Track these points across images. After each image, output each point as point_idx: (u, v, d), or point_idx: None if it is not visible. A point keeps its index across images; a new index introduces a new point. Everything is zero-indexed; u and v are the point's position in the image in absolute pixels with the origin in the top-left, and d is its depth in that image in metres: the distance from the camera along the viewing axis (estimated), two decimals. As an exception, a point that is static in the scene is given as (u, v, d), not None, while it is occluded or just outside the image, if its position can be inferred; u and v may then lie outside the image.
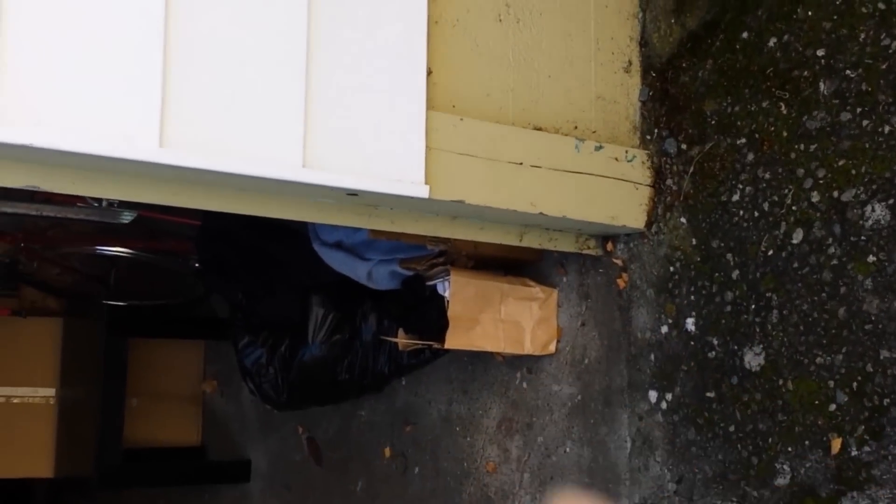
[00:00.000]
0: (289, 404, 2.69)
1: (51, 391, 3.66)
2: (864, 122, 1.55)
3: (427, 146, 1.69)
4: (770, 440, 1.71)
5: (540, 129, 1.85)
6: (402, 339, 2.34)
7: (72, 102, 1.41)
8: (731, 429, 1.78)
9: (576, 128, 1.89)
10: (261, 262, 2.63)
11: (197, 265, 3.13)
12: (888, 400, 1.51)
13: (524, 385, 2.32)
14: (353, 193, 1.69)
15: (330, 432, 3.10)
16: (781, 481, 1.68)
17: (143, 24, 1.46)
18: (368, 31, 1.65)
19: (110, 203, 2.02)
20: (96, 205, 1.94)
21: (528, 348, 2.21)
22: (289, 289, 2.61)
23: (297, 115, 1.58)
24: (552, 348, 2.22)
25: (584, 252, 2.08)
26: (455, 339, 2.14)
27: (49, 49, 1.39)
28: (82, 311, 3.66)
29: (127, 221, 2.15)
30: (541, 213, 1.82)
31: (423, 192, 1.68)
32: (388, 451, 2.82)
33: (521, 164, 1.80)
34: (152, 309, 3.61)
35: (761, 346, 1.73)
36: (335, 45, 1.62)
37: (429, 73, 1.71)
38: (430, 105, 1.71)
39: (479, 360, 2.45)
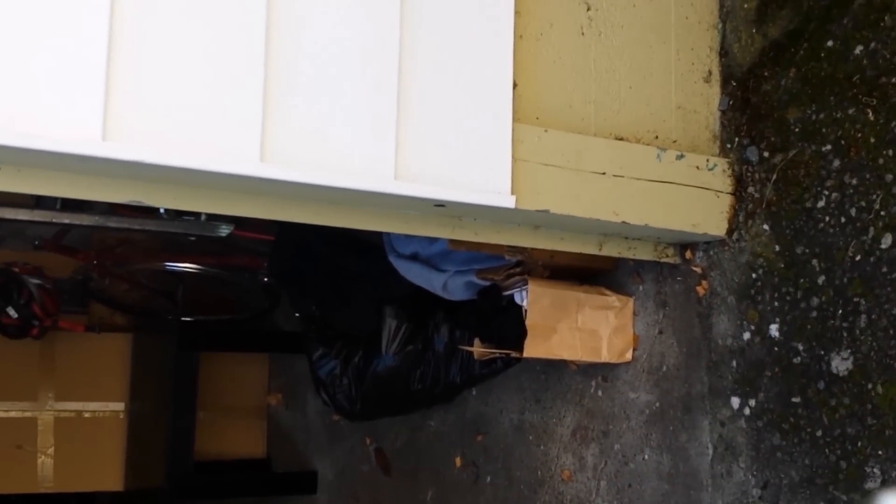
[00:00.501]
0: (362, 414, 2.73)
1: (120, 405, 3.74)
2: (956, 127, 1.56)
3: (513, 157, 1.72)
4: (859, 444, 1.71)
5: (622, 139, 1.87)
6: (478, 349, 2.37)
7: (178, 119, 1.46)
8: (819, 433, 1.78)
9: (656, 137, 1.91)
10: (336, 275, 2.67)
11: (265, 279, 3.19)
12: None
13: (599, 393, 2.33)
14: (440, 205, 1.72)
15: (398, 443, 3.13)
16: (871, 485, 1.68)
17: (246, 40, 1.50)
18: (458, 47, 1.68)
19: (209, 216, 2.08)
20: (193, 218, 2.00)
21: (605, 356, 2.22)
22: (363, 301, 2.65)
23: (390, 128, 1.62)
24: (629, 356, 2.23)
25: (663, 260, 2.09)
26: (534, 348, 2.16)
27: (153, 70, 1.44)
28: (150, 326, 3.74)
29: (225, 234, 2.21)
30: (623, 222, 1.85)
31: (509, 202, 1.71)
32: (458, 461, 2.84)
33: (603, 173, 1.82)
34: (219, 323, 3.68)
35: (849, 350, 1.73)
36: (426, 59, 1.66)
37: (514, 86, 1.74)
38: (516, 117, 1.74)
39: (553, 368, 2.47)
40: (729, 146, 1.98)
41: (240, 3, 1.50)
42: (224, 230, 2.17)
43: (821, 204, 1.79)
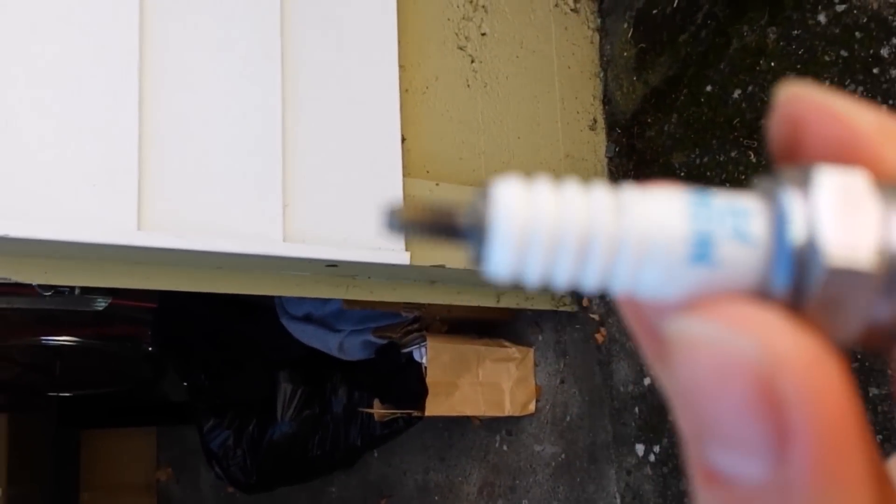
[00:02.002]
0: (258, 486, 2.60)
1: (-3, 491, 3.48)
2: (834, 166, 1.60)
3: (405, 213, 1.68)
4: None
5: (513, 189, 1.86)
6: (378, 410, 2.29)
7: (47, 190, 1.36)
8: None
9: (547, 186, 1.91)
10: (225, 341, 2.56)
11: (150, 349, 3.03)
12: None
13: (504, 447, 2.29)
14: (332, 265, 1.66)
15: (298, 512, 3.00)
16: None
17: (117, 104, 1.42)
18: (342, 103, 1.64)
19: (83, 290, 1.95)
20: (67, 292, 1.87)
21: (508, 409, 2.18)
22: (255, 366, 2.54)
23: (276, 190, 1.56)
24: (532, 408, 2.20)
25: (561, 309, 2.08)
26: (435, 406, 2.11)
27: (21, 138, 1.35)
28: (27, 404, 3.50)
29: (101, 308, 2.07)
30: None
31: (404, 258, 1.67)
32: (362, 527, 2.74)
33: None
34: (101, 397, 3.48)
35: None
36: (309, 117, 1.61)
37: (403, 140, 1.71)
38: (406, 171, 1.70)
39: (456, 425, 2.42)
40: (618, 192, 1.99)
41: (109, 69, 1.42)
42: (100, 303, 2.05)
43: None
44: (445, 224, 0.19)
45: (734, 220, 0.17)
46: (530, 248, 0.18)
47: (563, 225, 0.18)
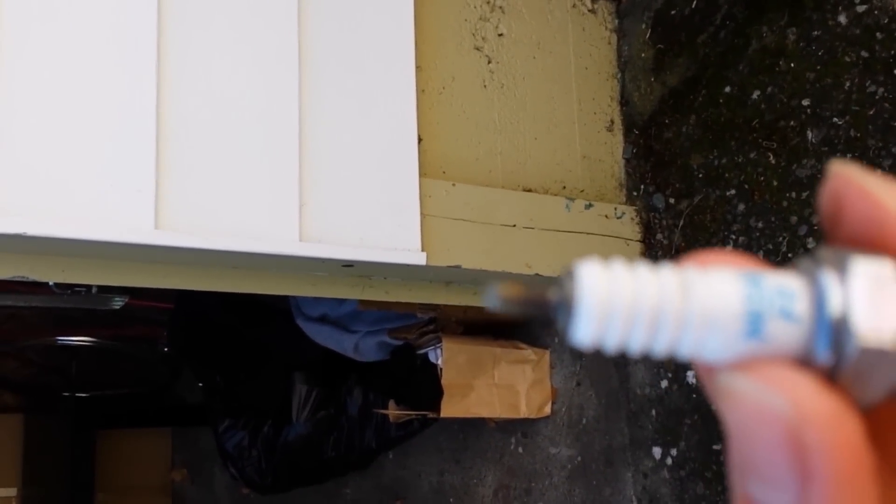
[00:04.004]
0: (273, 487, 2.60)
1: (13, 491, 3.48)
2: (855, 167, 1.58)
3: (422, 213, 1.68)
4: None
5: (530, 190, 1.85)
6: (393, 411, 2.29)
7: (65, 189, 1.37)
8: None
9: (564, 188, 1.90)
10: (240, 342, 2.56)
11: (166, 350, 3.04)
12: None
13: (520, 450, 2.28)
14: (348, 265, 1.66)
15: (313, 514, 3.00)
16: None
17: (135, 103, 1.43)
18: (359, 103, 1.64)
19: (100, 289, 1.96)
20: (84, 290, 1.88)
21: (524, 412, 2.17)
22: (271, 367, 2.54)
23: (292, 189, 1.56)
24: (548, 410, 2.19)
25: (577, 311, 2.07)
26: (451, 408, 2.10)
27: (37, 138, 1.35)
28: (43, 405, 3.52)
29: (118, 307, 2.08)
30: (536, 274, 1.81)
31: (419, 259, 1.66)
32: (377, 529, 2.73)
33: (514, 226, 1.79)
34: (117, 398, 3.49)
35: (766, 394, 1.72)
36: (326, 117, 1.61)
37: (419, 140, 1.70)
38: (423, 172, 1.70)
39: (471, 427, 2.41)
40: (635, 194, 1.98)
41: (127, 69, 1.42)
42: (117, 302, 2.05)
43: (728, 248, 1.79)
44: (538, 301, 0.22)
45: (781, 300, 0.20)
46: (610, 322, 0.21)
47: (637, 302, 0.21)
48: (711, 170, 1.83)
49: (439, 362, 2.11)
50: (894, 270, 0.20)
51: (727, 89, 1.79)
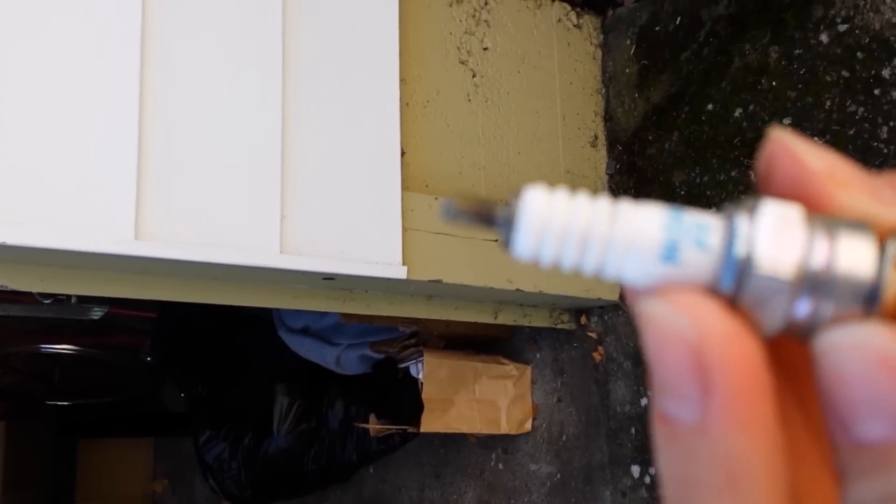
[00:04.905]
0: (253, 500, 2.58)
1: (-8, 499, 3.47)
2: (835, 187, 1.59)
3: (403, 227, 1.67)
4: None
5: (513, 205, 1.85)
6: (374, 425, 2.28)
7: (45, 199, 1.36)
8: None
9: (547, 203, 1.90)
10: (223, 353, 2.55)
11: (148, 359, 3.02)
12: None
13: (500, 466, 2.27)
14: (329, 278, 1.65)
15: (294, 527, 2.98)
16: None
17: (118, 118, 1.42)
18: (342, 116, 1.64)
19: (80, 299, 1.94)
20: (64, 300, 1.86)
21: (505, 427, 2.17)
22: (252, 379, 2.53)
23: (274, 202, 1.55)
24: (528, 426, 2.18)
25: (559, 326, 2.07)
26: (431, 423, 2.09)
27: (20, 147, 1.35)
28: (25, 412, 3.49)
29: (97, 317, 2.07)
30: (517, 290, 1.81)
31: (401, 273, 1.66)
32: (357, 543, 2.72)
33: (496, 241, 1.79)
34: (99, 406, 3.47)
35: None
36: (309, 130, 1.61)
37: (402, 153, 1.70)
38: (405, 185, 1.70)
39: (452, 442, 2.40)
40: (618, 210, 1.98)
41: (109, 80, 1.41)
42: (97, 313, 2.04)
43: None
44: (486, 215, 0.25)
45: (697, 232, 0.23)
46: (545, 239, 0.24)
47: (571, 223, 0.23)
48: (693, 187, 1.83)
49: (420, 377, 2.10)
50: (800, 214, 0.22)
51: (710, 106, 1.79)
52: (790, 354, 0.24)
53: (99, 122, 1.40)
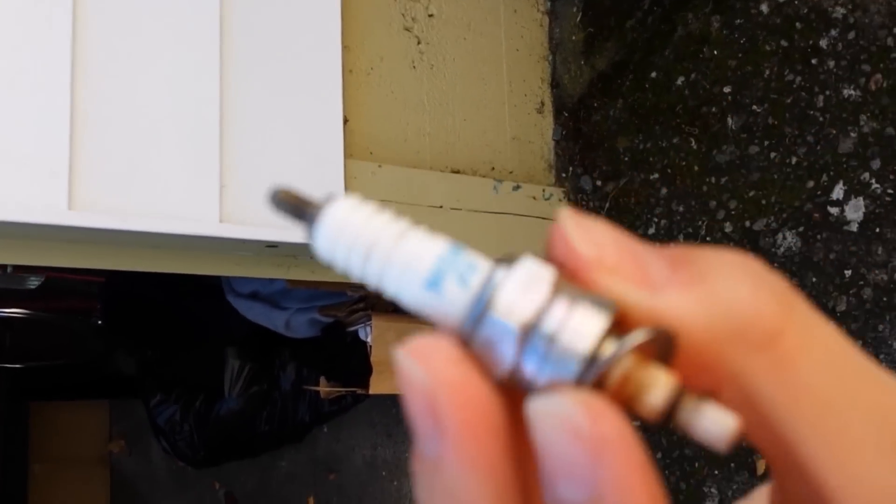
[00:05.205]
0: (206, 461, 2.60)
1: (-56, 463, 3.45)
2: (773, 155, 1.61)
3: (346, 195, 1.67)
4: (696, 465, 1.74)
5: (458, 171, 1.86)
6: (324, 388, 2.30)
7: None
8: (658, 455, 1.81)
9: (493, 169, 1.91)
10: (172, 318, 2.54)
11: (99, 322, 3.01)
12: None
13: (450, 426, 2.30)
14: (272, 245, 1.65)
15: (248, 486, 3.01)
16: (710, 504, 1.72)
17: (49, 88, 1.40)
18: (282, 83, 1.62)
19: (15, 268, 1.92)
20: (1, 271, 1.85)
21: (453, 390, 2.19)
22: (203, 343, 2.53)
23: (213, 170, 1.54)
24: (477, 388, 2.21)
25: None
26: (380, 385, 2.11)
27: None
28: (-25, 376, 3.47)
29: (34, 286, 2.05)
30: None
31: (344, 241, 1.66)
32: (311, 501, 2.75)
33: (441, 207, 1.80)
34: (52, 369, 3.45)
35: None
36: (249, 98, 1.59)
37: (345, 121, 1.69)
38: (348, 153, 1.69)
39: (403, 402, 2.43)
40: (564, 175, 2.00)
41: (40, 49, 1.39)
42: (33, 282, 2.02)
43: (651, 231, 1.82)
44: (300, 211, 0.26)
45: (465, 270, 0.24)
46: (338, 244, 0.25)
47: (361, 235, 0.25)
48: (637, 153, 1.84)
49: (369, 340, 2.12)
50: (552, 277, 0.23)
51: (653, 74, 1.80)
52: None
53: (30, 91, 1.38)
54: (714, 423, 0.22)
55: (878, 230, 1.46)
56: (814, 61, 1.56)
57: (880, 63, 1.47)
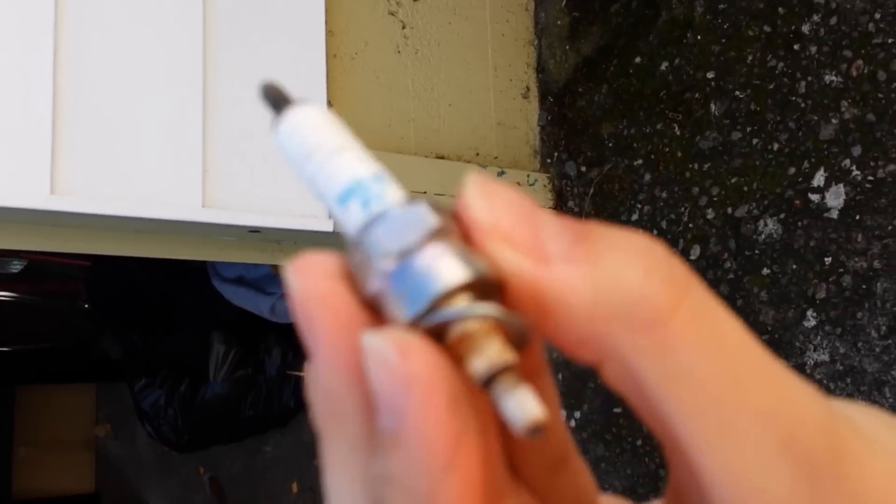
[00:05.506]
0: (190, 445, 2.61)
1: (-71, 446, 3.45)
2: (755, 141, 1.62)
3: (331, 180, 1.67)
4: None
5: (442, 157, 1.85)
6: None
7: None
8: (639, 443, 1.82)
9: (477, 154, 1.91)
10: (158, 301, 2.54)
11: (86, 306, 3.00)
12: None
13: (435, 411, 2.31)
14: (255, 230, 1.65)
15: (233, 471, 3.01)
16: (691, 491, 1.73)
17: (31, 72, 1.39)
18: (265, 68, 1.62)
19: (-2, 253, 1.92)
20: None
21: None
22: (189, 327, 2.53)
23: (196, 155, 1.54)
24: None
25: (490, 276, 2.09)
26: (364, 370, 2.11)
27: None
28: (-39, 360, 3.46)
29: (17, 271, 2.04)
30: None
31: (327, 226, 1.66)
32: (295, 486, 2.76)
33: (425, 193, 1.80)
34: (38, 353, 3.45)
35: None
36: (232, 82, 1.59)
37: (329, 106, 1.69)
38: (332, 138, 1.69)
39: (388, 388, 2.43)
40: (549, 161, 2.00)
41: (20, 30, 1.38)
42: (15, 266, 2.01)
43: (634, 217, 1.83)
44: (279, 104, 0.27)
45: (372, 198, 0.24)
46: (292, 139, 0.26)
47: (309, 138, 0.26)
48: (621, 139, 1.85)
49: (354, 325, 2.12)
50: (435, 224, 0.23)
51: (637, 60, 1.80)
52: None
53: (12, 75, 1.37)
54: (518, 408, 0.22)
55: (857, 217, 1.47)
56: (796, 47, 1.57)
57: (861, 49, 1.48)
